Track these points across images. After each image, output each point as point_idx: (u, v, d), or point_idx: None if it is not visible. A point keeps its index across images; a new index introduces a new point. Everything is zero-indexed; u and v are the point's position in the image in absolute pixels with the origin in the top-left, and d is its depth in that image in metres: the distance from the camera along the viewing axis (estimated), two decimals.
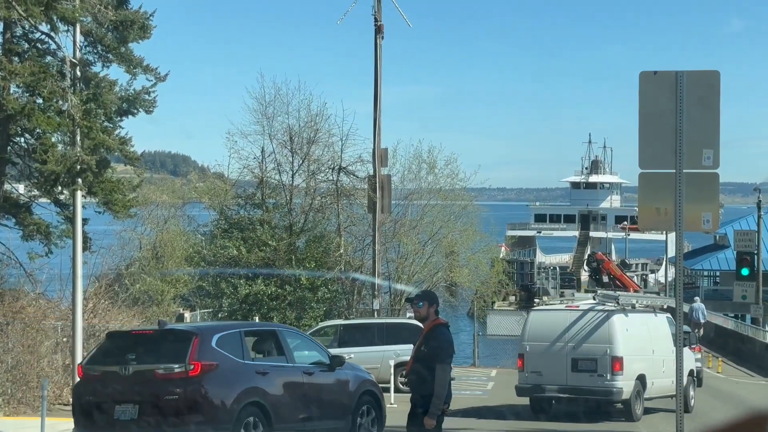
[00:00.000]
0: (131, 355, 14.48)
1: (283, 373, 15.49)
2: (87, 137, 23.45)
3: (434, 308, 11.82)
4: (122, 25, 24.16)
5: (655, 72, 12.71)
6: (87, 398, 14.73)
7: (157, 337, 15.20)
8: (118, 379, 14.27)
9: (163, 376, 14.03)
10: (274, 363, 15.60)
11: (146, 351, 14.65)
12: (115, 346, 15.09)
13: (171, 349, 14.48)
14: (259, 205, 44.60)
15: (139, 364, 14.33)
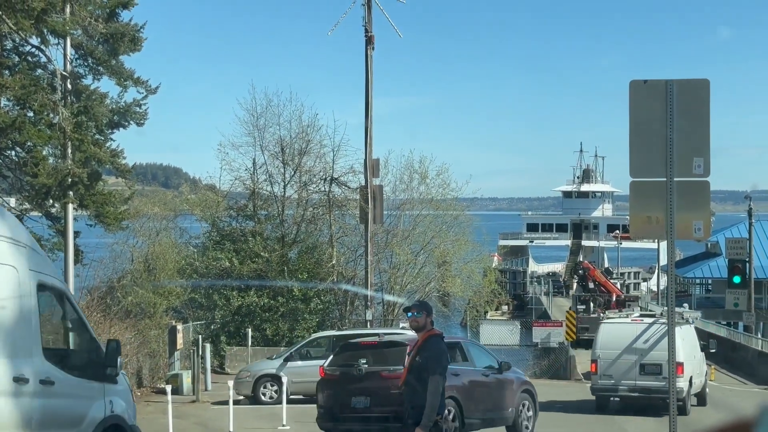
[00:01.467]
0: (362, 360, 18.62)
1: (469, 375, 19.54)
2: (78, 150, 23.46)
3: (430, 319, 11.84)
4: (113, 38, 24.19)
5: (645, 81, 12.74)
6: (328, 392, 19.04)
7: (380, 346, 19.41)
8: (354, 377, 18.49)
9: (388, 375, 17.96)
10: (462, 367, 19.41)
11: (373, 357, 18.80)
12: (348, 354, 19.33)
13: (391, 355, 18.63)
14: (251, 216, 44.58)
15: (370, 367, 18.44)
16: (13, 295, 10.11)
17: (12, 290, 10.07)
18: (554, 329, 50.68)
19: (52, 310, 11.46)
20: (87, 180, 23.56)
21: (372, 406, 18.25)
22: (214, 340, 39.86)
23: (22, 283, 10.23)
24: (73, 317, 11.61)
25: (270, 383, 29.83)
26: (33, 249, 10.88)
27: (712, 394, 36.90)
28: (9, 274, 10.03)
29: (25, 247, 10.57)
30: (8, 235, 10.24)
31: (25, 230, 11.57)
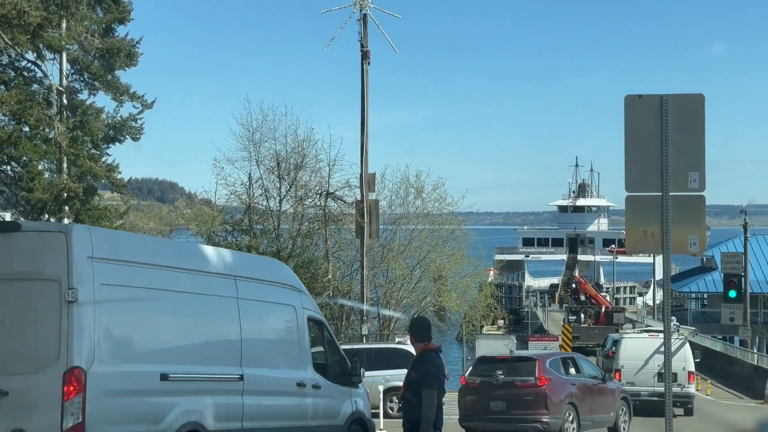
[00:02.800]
0: (499, 371, 22.31)
1: (582, 383, 23.32)
2: (74, 165, 23.47)
3: (410, 336, 11.89)
4: (109, 53, 24.25)
5: (640, 96, 12.77)
6: (470, 397, 22.78)
7: (512, 360, 23.47)
8: (492, 386, 22.17)
9: (522, 385, 22.04)
10: (576, 377, 23.37)
11: (507, 369, 22.42)
12: (485, 366, 23.16)
13: (524, 368, 22.41)
14: (247, 231, 44.53)
15: (505, 377, 22.14)
16: (294, 325, 14.66)
17: (293, 322, 14.67)
18: (550, 343, 50.68)
19: (316, 335, 15.40)
20: (83, 195, 23.56)
21: (508, 410, 22.06)
22: None
23: (298, 318, 14.79)
24: (329, 340, 15.79)
25: None
26: (304, 292, 15.46)
27: (708, 409, 36.89)
28: (290, 311, 14.70)
29: (299, 291, 15.26)
30: (289, 284, 15.03)
31: (297, 278, 15.91)
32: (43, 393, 10.55)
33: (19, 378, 10.66)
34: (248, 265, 14.92)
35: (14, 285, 11.01)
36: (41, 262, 10.97)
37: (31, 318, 10.88)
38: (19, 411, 10.58)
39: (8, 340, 10.89)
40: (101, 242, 11.38)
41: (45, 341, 10.70)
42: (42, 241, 11.11)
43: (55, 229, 11.61)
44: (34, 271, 10.98)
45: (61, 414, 10.42)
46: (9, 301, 10.98)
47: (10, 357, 10.82)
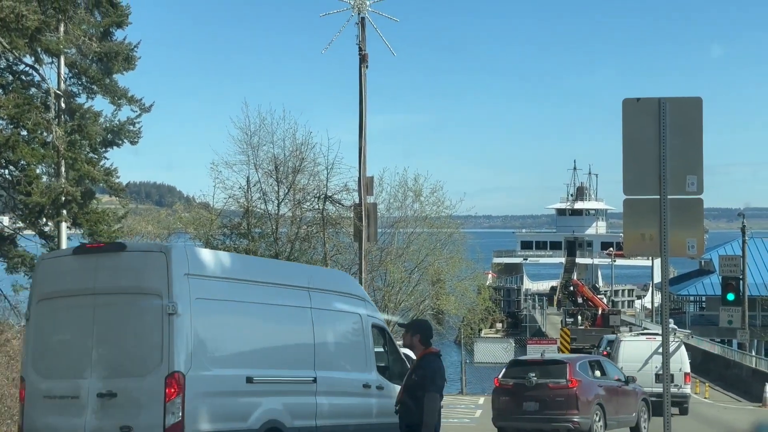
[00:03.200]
0: (531, 373, 23.72)
1: (608, 385, 24.72)
2: (72, 169, 23.43)
3: (417, 338, 11.80)
4: (107, 57, 24.21)
5: (638, 99, 12.79)
6: (504, 398, 24.17)
7: (544, 363, 24.57)
8: (525, 387, 23.59)
9: (554, 386, 23.49)
10: (602, 380, 24.76)
11: (540, 372, 23.86)
12: (518, 368, 24.60)
13: (555, 371, 23.92)
14: (245, 234, 44.49)
15: (539, 379, 23.61)
16: (359, 332, 16.02)
17: (359, 329, 16.04)
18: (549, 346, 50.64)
19: (378, 340, 16.68)
20: (80, 199, 23.52)
21: (541, 410, 23.44)
22: None
23: (363, 324, 16.12)
24: (390, 344, 17.09)
25: None
26: (368, 301, 17.00)
27: (706, 411, 36.89)
28: (357, 318, 16.05)
29: (364, 300, 16.69)
30: (355, 293, 16.52)
31: (362, 288, 17.88)
32: (148, 394, 12.02)
33: (126, 381, 12.21)
34: (319, 277, 16.29)
35: (121, 298, 12.53)
36: (145, 279, 12.45)
37: (137, 328, 12.40)
38: (126, 410, 12.10)
39: (116, 347, 12.49)
40: (195, 260, 12.87)
41: (149, 349, 12.17)
42: (145, 259, 12.70)
43: (156, 249, 13.03)
44: (138, 286, 12.49)
45: (164, 413, 11.87)
46: (117, 312, 12.54)
47: (118, 362, 12.38)
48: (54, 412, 12.66)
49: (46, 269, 13.49)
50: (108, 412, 12.19)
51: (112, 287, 12.63)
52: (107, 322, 12.55)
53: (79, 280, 12.84)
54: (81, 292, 12.75)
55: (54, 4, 22.97)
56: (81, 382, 12.41)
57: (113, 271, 12.69)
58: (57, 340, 13.05)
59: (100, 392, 12.24)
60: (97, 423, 12.23)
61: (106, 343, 12.53)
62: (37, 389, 13.01)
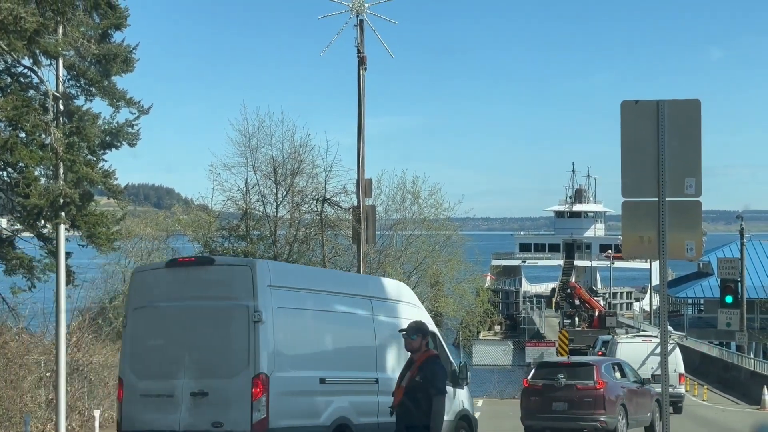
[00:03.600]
0: (560, 375, 24.86)
1: (628, 386, 25.87)
2: (70, 171, 23.40)
3: (426, 341, 11.93)
4: (105, 59, 24.16)
5: (637, 101, 12.80)
6: (533, 398, 25.30)
7: (572, 365, 26.11)
8: (554, 388, 24.75)
9: (582, 387, 24.66)
10: (623, 381, 25.94)
11: (568, 373, 25.09)
12: (546, 370, 25.71)
13: (583, 372, 25.13)
14: (244, 236, 44.48)
15: (567, 380, 24.76)
16: None
17: None
18: (547, 349, 50.66)
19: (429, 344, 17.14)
20: (79, 201, 23.47)
21: (569, 409, 24.60)
22: None
23: None
24: (441, 347, 18.07)
25: None
26: (420, 307, 18.64)
27: (704, 414, 36.90)
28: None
29: (417, 307, 18.31)
30: (409, 301, 18.15)
31: (415, 296, 19.24)
32: (236, 393, 13.45)
33: (216, 381, 13.66)
34: (379, 286, 17.92)
35: (213, 309, 13.94)
36: (233, 290, 13.87)
37: (225, 334, 13.82)
38: (217, 408, 13.55)
39: (207, 351, 13.88)
40: (276, 273, 14.36)
41: (237, 352, 13.60)
42: (232, 272, 14.18)
43: (243, 263, 14.60)
44: (226, 296, 13.89)
45: (251, 410, 13.33)
46: (207, 320, 13.95)
47: (209, 365, 13.81)
48: (151, 409, 14.09)
49: (141, 281, 14.94)
50: (200, 409, 13.65)
51: (202, 297, 14.10)
52: (198, 329, 14.00)
53: (171, 290, 14.38)
54: (174, 303, 14.26)
55: (52, 6, 22.94)
56: (175, 382, 13.88)
57: (203, 282, 14.17)
58: (152, 344, 14.47)
59: (193, 391, 13.72)
60: (190, 419, 13.68)
61: (198, 347, 13.97)
62: (134, 388, 14.41)
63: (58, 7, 22.90)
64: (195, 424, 13.64)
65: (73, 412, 26.19)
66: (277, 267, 15.62)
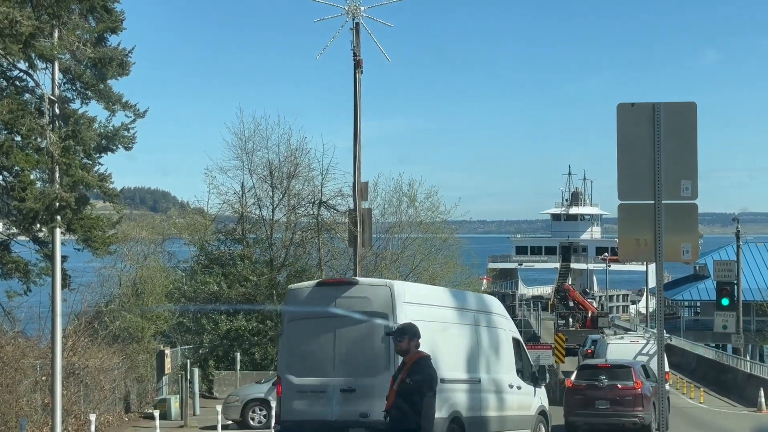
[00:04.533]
0: (602, 376, 27.76)
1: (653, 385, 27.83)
2: (66, 174, 23.38)
3: (415, 342, 11.77)
4: (101, 63, 24.15)
5: (633, 104, 12.80)
6: (577, 397, 27.88)
7: (611, 367, 28.55)
8: (597, 388, 27.55)
9: (623, 387, 27.57)
10: (649, 380, 28.23)
11: (608, 374, 27.87)
12: (588, 371, 28.61)
13: (622, 374, 27.97)
14: (240, 240, 44.48)
15: (609, 381, 27.65)
16: (505, 343, 20.55)
17: (505, 341, 20.58)
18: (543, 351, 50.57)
19: (515, 349, 21.11)
20: (75, 204, 23.46)
21: (611, 407, 27.36)
22: (203, 365, 39.69)
23: (508, 337, 20.78)
24: (524, 352, 21.63)
25: (259, 407, 29.71)
26: (509, 318, 21.70)
27: (701, 417, 36.92)
28: (503, 333, 20.67)
29: (507, 318, 21.46)
30: (501, 313, 21.14)
31: (505, 309, 22.01)
32: (379, 390, 15.22)
33: (362, 380, 16.52)
34: (479, 301, 21.00)
35: (358, 320, 16.73)
36: (374, 305, 16.78)
37: (368, 341, 16.72)
38: (363, 401, 16.33)
39: (353, 355, 16.81)
40: (409, 291, 17.41)
41: (378, 356, 16.48)
42: (374, 291, 17.17)
43: (383, 284, 17.48)
44: (369, 311, 16.72)
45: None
46: (353, 330, 16.84)
47: (356, 366, 16.70)
48: (306, 402, 16.96)
49: (295, 296, 17.84)
50: (349, 403, 16.53)
51: (348, 311, 16.86)
52: (345, 337, 16.91)
53: (321, 305, 17.15)
54: (323, 315, 17.05)
55: (48, 9, 22.93)
56: (327, 380, 16.79)
57: (348, 299, 17.03)
58: (305, 349, 17.27)
59: (342, 388, 16.64)
60: (341, 410, 16.57)
61: (345, 352, 16.85)
62: (291, 385, 17.26)
63: (53, 11, 22.89)
64: (345, 414, 16.48)
65: (69, 416, 26.17)
66: (409, 286, 18.47)
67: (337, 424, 16.57)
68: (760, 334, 68.40)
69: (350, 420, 16.43)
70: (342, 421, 16.54)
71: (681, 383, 51.71)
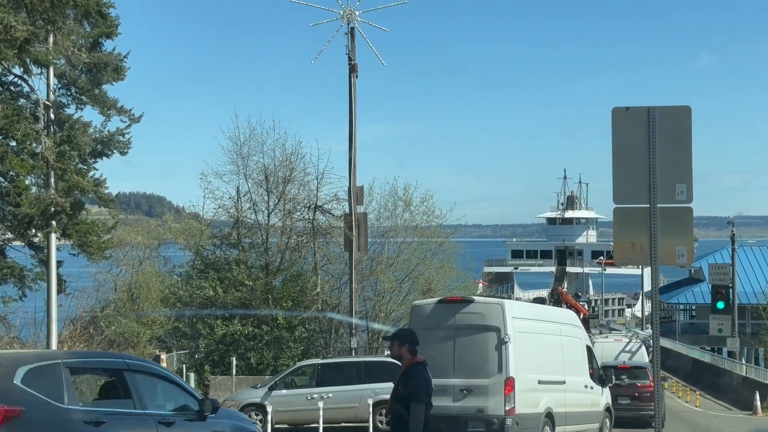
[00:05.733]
0: (623, 376, 32.21)
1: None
2: (61, 179, 23.38)
3: (405, 348, 11.70)
4: (96, 68, 24.17)
5: (627, 108, 12.82)
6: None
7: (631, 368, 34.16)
8: (619, 386, 30.81)
9: (642, 386, 32.74)
10: None
11: (628, 374, 32.85)
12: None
13: (641, 374, 33.38)
14: (235, 244, 44.43)
15: (629, 380, 32.85)
16: (580, 349, 23.81)
17: (580, 347, 23.87)
18: None
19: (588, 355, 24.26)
20: (70, 209, 23.46)
21: (632, 402, 31.95)
22: (198, 369, 39.64)
23: (582, 345, 24.08)
24: (593, 357, 24.61)
25: (255, 412, 29.63)
26: (582, 328, 24.91)
27: (697, 420, 36.92)
28: (578, 341, 23.96)
29: (581, 328, 24.93)
30: (577, 324, 24.74)
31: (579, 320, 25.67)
32: (493, 389, 19.84)
33: (478, 380, 20.05)
34: (562, 315, 25.30)
35: (474, 332, 20.37)
36: (488, 320, 20.31)
37: (483, 349, 20.23)
38: (479, 399, 19.96)
39: (470, 360, 20.19)
40: (516, 308, 21.17)
41: (492, 362, 20.07)
42: (488, 307, 20.66)
43: (495, 302, 21.00)
44: (485, 325, 20.30)
45: (504, 401, 19.77)
46: (470, 339, 20.38)
47: (472, 370, 20.15)
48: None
49: (419, 311, 21.35)
50: (467, 400, 20.01)
51: (465, 324, 20.45)
52: (464, 345, 20.35)
53: (443, 319, 20.66)
54: (445, 327, 20.54)
55: (43, 15, 22.94)
56: (448, 381, 19.86)
57: (466, 314, 20.56)
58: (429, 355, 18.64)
59: (461, 387, 20.08)
60: (460, 406, 19.98)
61: (464, 357, 20.24)
62: None
63: (48, 16, 22.90)
64: (464, 410, 19.93)
65: None
66: (516, 304, 22.49)
67: (458, 418, 19.90)
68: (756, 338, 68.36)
69: (469, 414, 19.96)
70: (462, 416, 19.95)
71: (677, 386, 51.73)
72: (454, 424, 19.77)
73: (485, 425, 19.80)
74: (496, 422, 19.67)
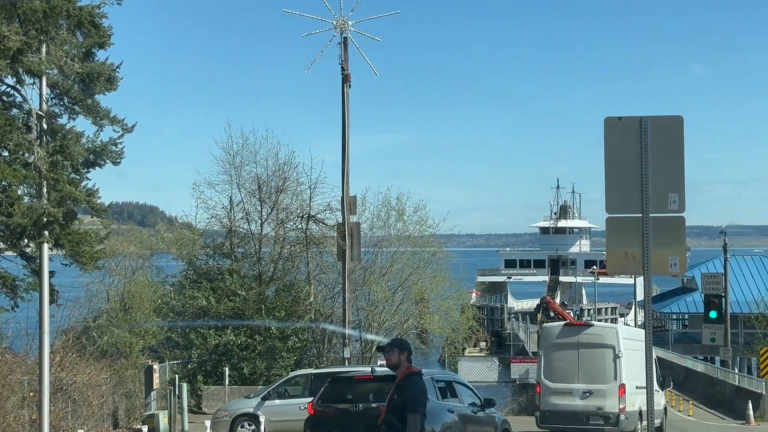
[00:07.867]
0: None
1: None
2: (53, 189, 23.32)
3: (405, 356, 11.63)
4: (89, 78, 24.11)
5: (620, 118, 12.85)
6: None
7: None
8: None
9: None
10: None
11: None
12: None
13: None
14: (228, 254, 44.40)
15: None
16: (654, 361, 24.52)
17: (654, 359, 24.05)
18: (532, 365, 50.64)
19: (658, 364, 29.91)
20: (62, 219, 23.39)
21: None
22: (191, 380, 39.56)
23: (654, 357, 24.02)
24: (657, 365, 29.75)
25: (248, 422, 29.59)
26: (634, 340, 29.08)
27: (690, 429, 36.94)
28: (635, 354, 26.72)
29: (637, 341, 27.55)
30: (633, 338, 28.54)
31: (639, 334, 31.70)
32: (610, 392, 26.95)
33: (598, 385, 27.13)
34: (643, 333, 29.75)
35: (594, 349, 27.44)
36: (606, 339, 27.46)
37: (602, 362, 27.28)
38: (598, 399, 27.05)
39: (591, 370, 27.32)
40: (624, 331, 28.29)
41: (608, 371, 27.21)
42: (605, 330, 28.36)
43: (610, 326, 29.10)
44: (602, 344, 27.41)
45: (618, 401, 26.72)
46: (591, 354, 27.46)
47: (594, 377, 27.21)
48: (558, 399, 27.54)
49: (548, 331, 28.90)
50: (588, 400, 27.16)
51: (587, 343, 27.59)
52: (585, 357, 27.43)
53: (569, 338, 27.81)
54: (570, 345, 27.68)
55: (36, 25, 22.91)
56: (573, 385, 27.39)
57: (588, 335, 27.83)
58: (557, 365, 27.78)
59: (584, 391, 27.30)
60: (584, 404, 27.12)
61: (586, 367, 27.33)
62: (548, 387, 27.87)
63: (41, 26, 22.87)
64: (586, 407, 26.90)
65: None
66: (624, 328, 30.53)
67: (582, 413, 26.86)
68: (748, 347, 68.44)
69: (590, 411, 26.91)
70: (585, 412, 26.89)
71: (669, 396, 51.76)
72: (579, 418, 26.91)
73: (603, 419, 26.79)
74: (612, 417, 26.67)
